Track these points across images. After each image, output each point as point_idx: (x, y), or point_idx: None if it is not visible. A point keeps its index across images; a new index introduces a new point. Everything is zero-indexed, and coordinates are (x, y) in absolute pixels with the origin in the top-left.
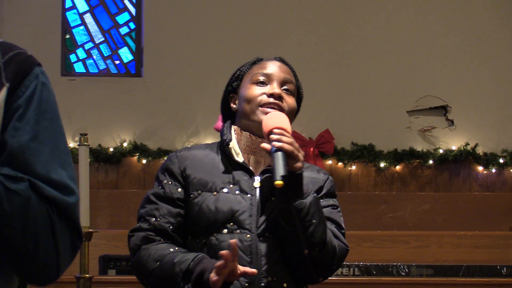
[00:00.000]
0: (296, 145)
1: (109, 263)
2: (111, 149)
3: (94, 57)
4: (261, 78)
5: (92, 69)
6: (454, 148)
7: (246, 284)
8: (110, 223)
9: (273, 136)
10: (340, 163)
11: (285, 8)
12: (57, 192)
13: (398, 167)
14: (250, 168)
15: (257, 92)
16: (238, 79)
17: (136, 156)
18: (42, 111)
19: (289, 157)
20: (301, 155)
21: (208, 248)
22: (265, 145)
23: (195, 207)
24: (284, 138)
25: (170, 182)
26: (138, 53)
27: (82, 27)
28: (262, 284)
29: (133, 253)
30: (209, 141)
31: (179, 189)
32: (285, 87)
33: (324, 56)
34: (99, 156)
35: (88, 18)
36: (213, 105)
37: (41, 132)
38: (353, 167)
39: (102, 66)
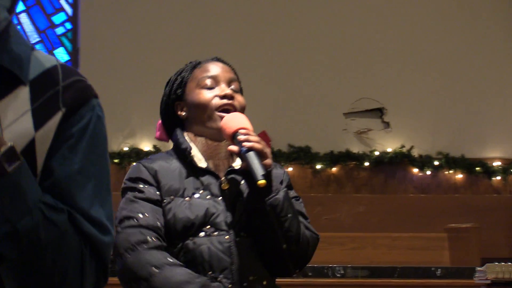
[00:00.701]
0: (263, 142)
1: None
2: None
3: None
4: (208, 82)
5: None
6: (389, 150)
7: (229, 286)
8: None
9: (240, 137)
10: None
11: (222, 8)
12: (95, 229)
13: (334, 169)
14: (215, 172)
15: (209, 96)
16: (181, 86)
17: None
18: (94, 145)
19: (259, 155)
20: (269, 151)
21: (185, 253)
22: (233, 148)
23: (168, 213)
24: (251, 138)
25: (146, 186)
26: (74, 54)
27: (17, 27)
28: (245, 284)
29: (124, 252)
30: (145, 143)
31: (157, 192)
32: (232, 86)
33: (260, 57)
34: None
35: (23, 18)
36: (149, 107)
37: (88, 166)
38: (290, 169)
39: None
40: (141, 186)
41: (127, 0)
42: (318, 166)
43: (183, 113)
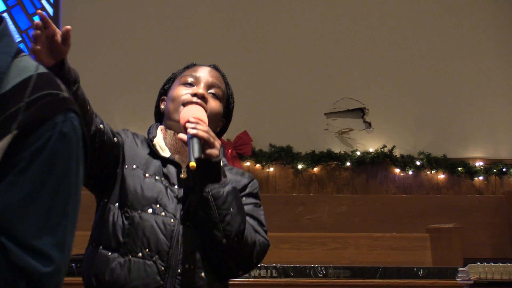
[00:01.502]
0: (213, 134)
1: None
2: None
3: None
4: (189, 80)
5: None
6: (371, 150)
7: (162, 268)
8: None
9: (188, 125)
10: (258, 165)
11: (201, 8)
12: (33, 259)
13: (315, 169)
14: (177, 161)
15: (182, 92)
16: (169, 82)
17: None
18: (50, 166)
19: (205, 144)
20: (217, 143)
21: (129, 224)
22: (182, 135)
23: (127, 177)
24: (199, 126)
25: (121, 135)
26: None
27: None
28: (179, 270)
29: None
30: None
31: (120, 148)
32: (211, 90)
33: (241, 56)
34: None
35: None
36: (131, 107)
37: (39, 190)
38: (271, 169)
39: None
40: (123, 132)
41: (109, 0)
42: (300, 166)
43: (162, 107)
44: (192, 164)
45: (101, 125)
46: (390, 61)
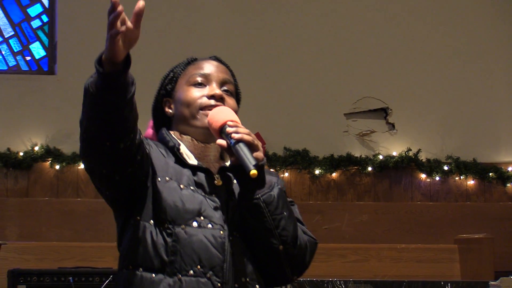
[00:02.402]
0: (253, 135)
1: (18, 278)
2: (21, 154)
3: (3, 52)
4: (199, 79)
5: (1, 66)
6: (395, 154)
7: (219, 284)
8: (19, 234)
9: (229, 129)
10: (271, 170)
11: (212, 4)
12: None
13: (334, 175)
14: (208, 168)
15: (196, 94)
16: (172, 81)
17: (48, 161)
18: None
19: (250, 148)
20: (260, 145)
21: (174, 241)
22: (221, 141)
23: (163, 192)
24: (240, 129)
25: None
26: (51, 49)
27: None
28: (236, 285)
29: None
30: None
31: (149, 149)
32: (224, 87)
33: (253, 53)
34: (8, 161)
35: None
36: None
37: None
38: (286, 174)
39: (12, 62)
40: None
41: None
42: (317, 171)
43: (170, 111)
44: (254, 172)
45: (141, 135)
46: (416, 57)
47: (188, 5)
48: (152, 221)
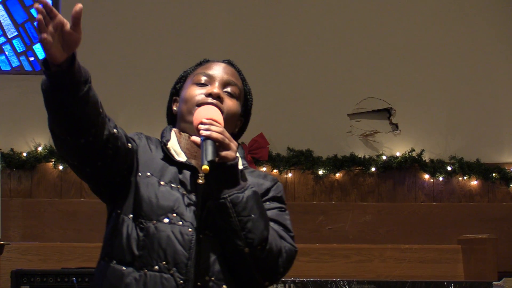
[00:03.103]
0: (228, 135)
1: (22, 278)
2: (25, 154)
3: (7, 53)
4: (203, 79)
5: (4, 67)
6: (398, 154)
7: (181, 281)
8: (23, 234)
9: (200, 126)
10: (275, 170)
11: (215, 5)
12: None
13: (338, 175)
14: (194, 165)
15: (196, 92)
16: (181, 80)
17: (52, 161)
18: None
19: (219, 146)
20: (233, 144)
21: (145, 235)
22: (195, 138)
23: (141, 186)
24: (212, 127)
25: (135, 141)
26: None
27: None
28: (199, 283)
29: None
30: None
31: (134, 154)
32: (227, 89)
33: (257, 53)
34: (11, 161)
35: (0, 10)
36: (137, 106)
37: None
38: (289, 175)
39: (15, 63)
40: (136, 137)
41: None
42: (321, 172)
43: (175, 108)
44: (205, 167)
45: (114, 130)
46: (419, 58)
47: (191, 5)
48: (131, 215)
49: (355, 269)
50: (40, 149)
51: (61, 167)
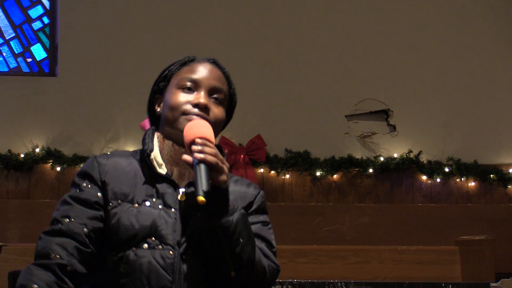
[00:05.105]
0: (221, 157)
1: None
2: (22, 155)
3: (4, 54)
4: (188, 84)
5: (2, 68)
6: (396, 155)
7: None
8: (20, 236)
9: (194, 147)
10: (272, 172)
11: (213, 6)
12: None
13: (335, 176)
14: (174, 180)
15: (182, 99)
16: (165, 79)
17: (49, 163)
18: None
19: (212, 170)
20: (225, 167)
21: (125, 263)
22: (186, 157)
23: (113, 217)
24: (206, 149)
25: (89, 186)
26: (52, 50)
27: None
28: None
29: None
30: (130, 147)
31: (99, 194)
32: (214, 95)
33: (254, 54)
34: (8, 163)
35: None
36: (134, 108)
37: None
38: (287, 176)
39: (12, 64)
40: (84, 184)
41: None
42: (318, 173)
43: (159, 109)
44: (201, 199)
45: (85, 229)
46: (417, 59)
47: (190, 4)
48: (110, 246)
49: (353, 270)
50: (37, 150)
51: (58, 169)
